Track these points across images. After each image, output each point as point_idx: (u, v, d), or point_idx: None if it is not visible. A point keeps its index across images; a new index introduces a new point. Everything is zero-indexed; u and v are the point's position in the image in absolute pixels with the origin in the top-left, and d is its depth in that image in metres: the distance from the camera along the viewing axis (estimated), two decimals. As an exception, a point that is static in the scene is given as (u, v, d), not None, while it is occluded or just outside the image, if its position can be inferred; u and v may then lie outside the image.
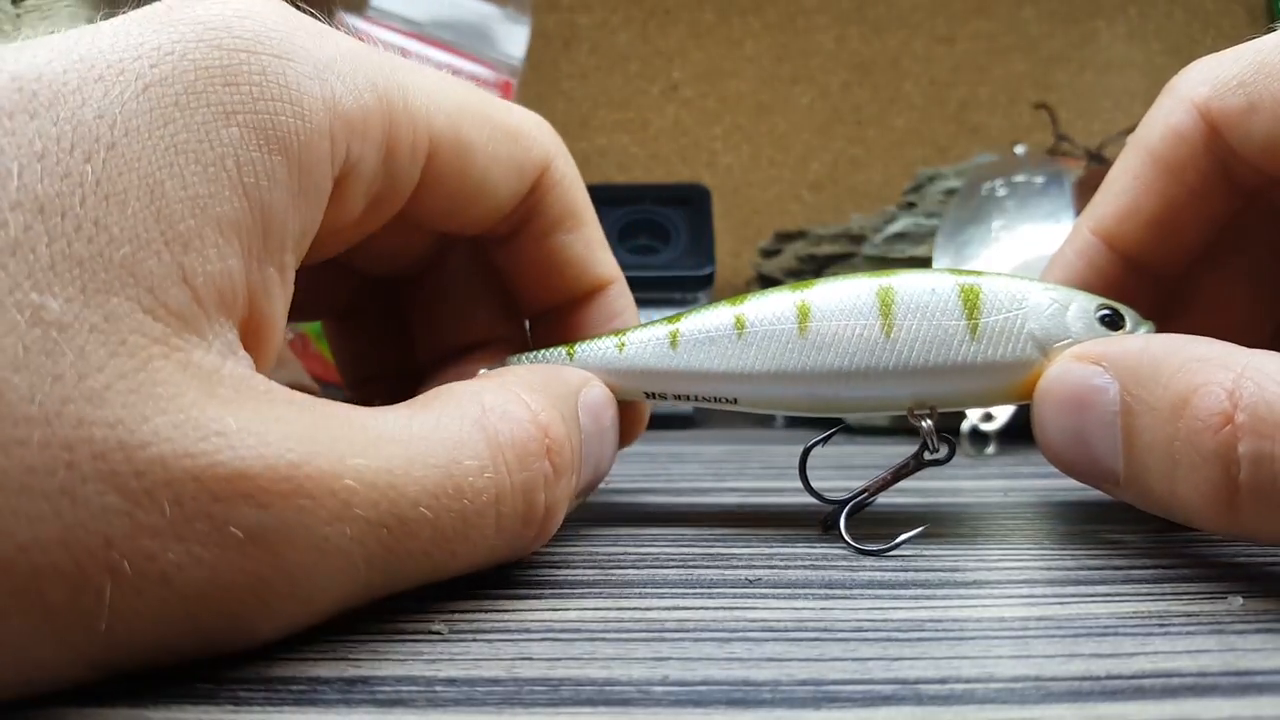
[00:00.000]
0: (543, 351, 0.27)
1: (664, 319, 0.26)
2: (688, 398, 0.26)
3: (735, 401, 0.26)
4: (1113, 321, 0.24)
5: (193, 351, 0.16)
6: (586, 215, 0.28)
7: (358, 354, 0.31)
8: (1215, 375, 0.20)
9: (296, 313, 0.29)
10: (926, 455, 0.25)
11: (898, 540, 0.24)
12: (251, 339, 0.18)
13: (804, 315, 0.25)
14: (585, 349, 0.26)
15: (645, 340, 0.26)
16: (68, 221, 0.15)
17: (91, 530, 0.14)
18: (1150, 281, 0.27)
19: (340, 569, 0.17)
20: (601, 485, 0.26)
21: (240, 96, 0.17)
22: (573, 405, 0.23)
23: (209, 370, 0.16)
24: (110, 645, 0.15)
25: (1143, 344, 0.22)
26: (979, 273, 0.25)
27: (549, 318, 0.29)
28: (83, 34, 0.17)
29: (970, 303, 0.24)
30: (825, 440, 0.26)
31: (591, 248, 0.28)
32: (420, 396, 0.20)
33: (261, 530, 0.15)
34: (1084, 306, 0.25)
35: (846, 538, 0.24)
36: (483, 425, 0.19)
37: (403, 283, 0.30)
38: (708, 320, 0.25)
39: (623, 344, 0.26)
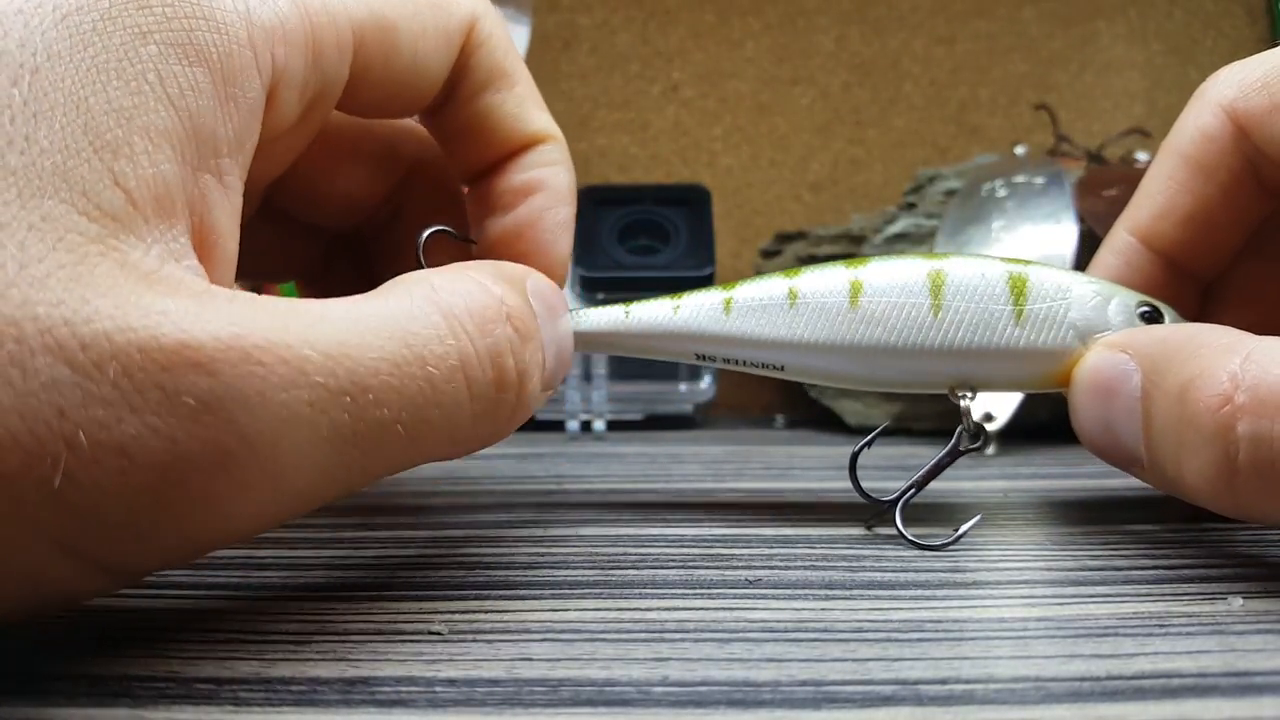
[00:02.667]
0: (598, 310, 0.27)
1: (720, 286, 0.27)
2: (737, 361, 0.27)
3: (783, 369, 0.26)
4: (1152, 317, 0.25)
5: (130, 252, 0.16)
6: (518, 73, 0.27)
7: None
8: (1220, 359, 0.20)
9: (267, 273, 0.29)
10: (963, 446, 0.26)
11: (959, 532, 0.24)
12: (200, 248, 0.18)
13: (856, 290, 0.26)
14: (640, 308, 0.27)
15: (700, 304, 0.27)
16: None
17: (44, 400, 0.15)
18: (1188, 281, 0.28)
19: (305, 438, 0.17)
20: (601, 485, 0.26)
21: (154, 17, 0.18)
22: (522, 288, 0.23)
23: (147, 269, 0.16)
24: (73, 518, 0.15)
25: (1165, 333, 0.23)
26: (1028, 261, 0.26)
27: (485, 183, 0.28)
28: None
29: (1017, 290, 0.25)
30: (871, 442, 0.26)
31: (524, 105, 0.27)
32: (371, 291, 0.20)
33: (214, 397, 0.16)
34: (1125, 302, 0.26)
35: (907, 535, 0.25)
36: (434, 300, 0.20)
37: (368, 238, 0.30)
38: (762, 289, 0.26)
39: (678, 306, 0.27)
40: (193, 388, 0.16)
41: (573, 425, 0.52)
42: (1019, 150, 0.53)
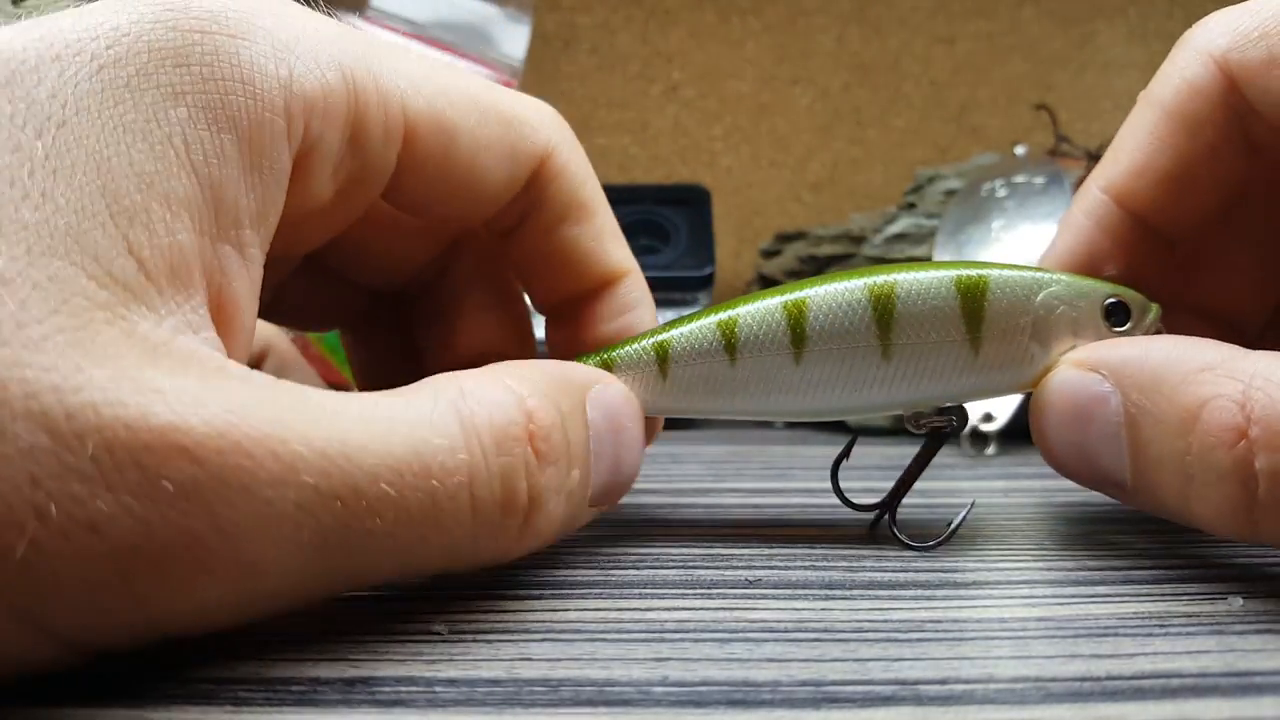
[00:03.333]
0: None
1: (654, 344, 0.25)
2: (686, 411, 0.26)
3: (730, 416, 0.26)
4: (1119, 316, 0.24)
5: (139, 323, 0.16)
6: (596, 205, 0.27)
7: (371, 365, 0.31)
8: (1223, 387, 0.19)
9: (309, 323, 0.28)
10: (940, 430, 0.25)
11: (950, 529, 0.24)
12: (217, 319, 0.18)
13: (799, 337, 0.24)
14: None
15: (638, 369, 0.25)
16: (15, 190, 0.15)
17: (18, 466, 0.14)
18: (1160, 244, 0.26)
19: (286, 537, 0.16)
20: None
21: (190, 77, 0.18)
22: (577, 398, 0.22)
23: (155, 342, 0.16)
24: (33, 587, 0.15)
25: (1142, 350, 0.21)
26: (982, 266, 0.24)
27: (561, 312, 0.28)
28: (51, 16, 0.18)
29: (973, 314, 0.24)
30: (848, 452, 0.26)
31: (601, 239, 0.27)
32: (401, 387, 0.20)
33: (195, 485, 0.15)
34: (1092, 303, 0.24)
35: (903, 538, 0.24)
36: (457, 407, 0.19)
37: (413, 295, 0.30)
38: (700, 344, 0.25)
39: (612, 362, 0.25)
40: (175, 473, 0.15)
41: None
42: (1019, 150, 0.53)
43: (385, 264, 0.28)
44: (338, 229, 0.24)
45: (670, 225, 0.55)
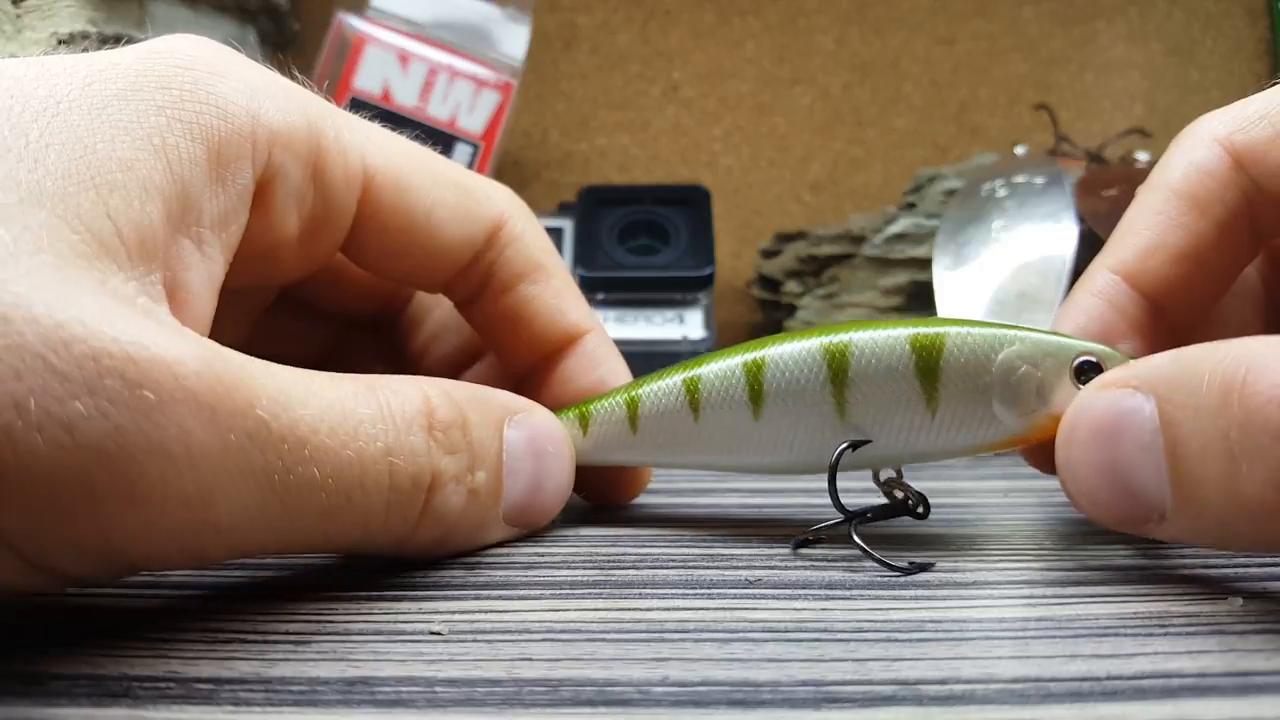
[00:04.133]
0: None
1: (625, 397, 0.26)
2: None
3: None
4: (1091, 375, 0.23)
5: (110, 277, 0.18)
6: (553, 268, 0.28)
7: None
8: (1264, 358, 0.18)
9: (285, 355, 0.29)
10: (903, 501, 0.25)
11: (917, 565, 0.22)
12: (171, 302, 0.19)
13: (757, 398, 0.24)
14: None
15: (608, 424, 0.26)
16: (11, 156, 0.17)
17: (6, 363, 0.15)
18: (1168, 329, 0.26)
19: (237, 467, 0.18)
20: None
21: (170, 96, 0.20)
22: (491, 413, 0.23)
23: (124, 295, 0.18)
24: (1, 494, 0.16)
25: (1173, 356, 0.20)
26: (943, 323, 0.23)
27: (531, 377, 0.29)
28: (51, 55, 0.20)
29: (928, 372, 0.23)
30: (839, 458, 0.25)
31: (561, 298, 0.28)
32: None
33: (173, 400, 0.17)
34: (1058, 364, 0.23)
35: (871, 552, 0.23)
36: (375, 391, 0.21)
37: (384, 323, 0.31)
38: (664, 402, 0.26)
39: (586, 420, 0.27)
40: (156, 386, 0.17)
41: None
42: (1019, 150, 0.53)
43: (354, 301, 0.30)
44: (308, 269, 0.26)
45: (670, 225, 0.55)
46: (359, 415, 0.20)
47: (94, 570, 0.18)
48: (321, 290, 0.30)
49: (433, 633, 0.18)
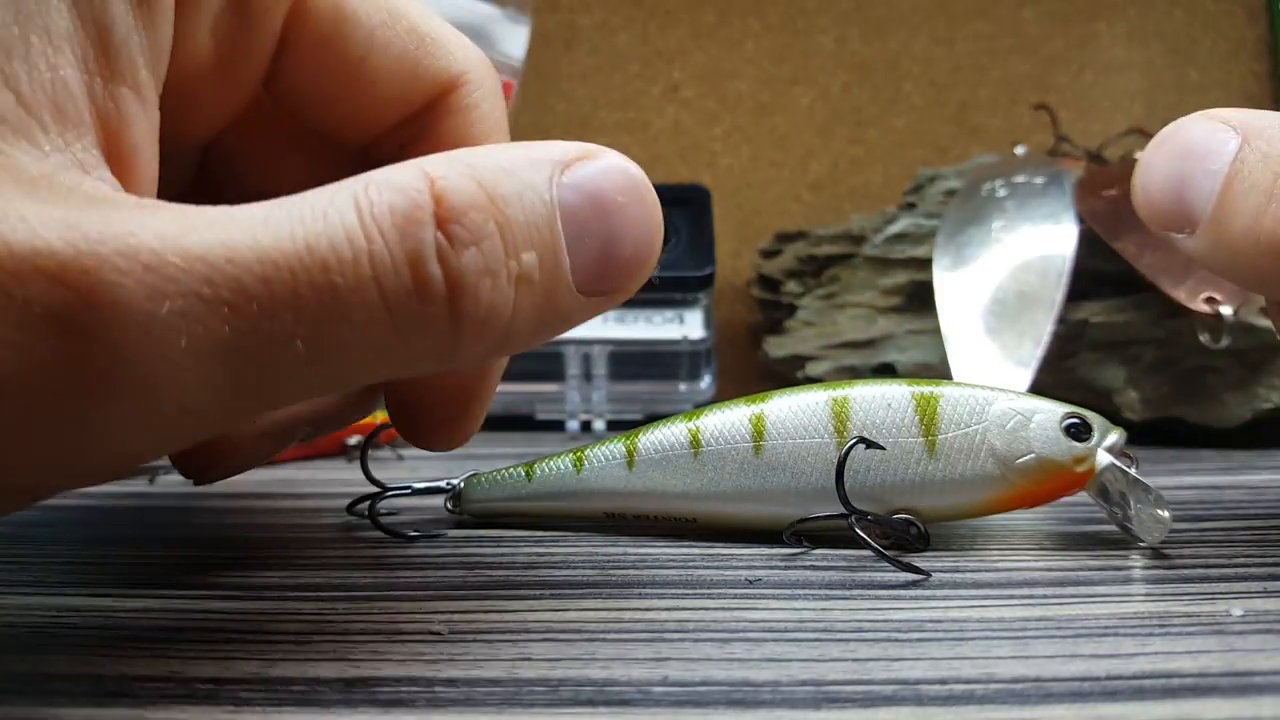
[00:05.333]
0: (498, 475, 0.27)
1: (623, 436, 0.26)
2: (649, 517, 0.26)
3: (695, 521, 0.26)
4: (1078, 433, 0.24)
5: (19, 157, 0.16)
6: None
7: None
8: None
9: None
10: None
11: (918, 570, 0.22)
12: (115, 163, 0.17)
13: (759, 433, 0.25)
14: (543, 471, 0.27)
15: (604, 460, 0.26)
16: None
17: None
18: None
19: (177, 353, 0.15)
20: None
21: None
22: (529, 177, 0.19)
23: (34, 175, 0.16)
24: None
25: (1272, 115, 0.23)
26: (937, 381, 0.25)
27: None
28: None
29: (927, 418, 0.24)
30: (848, 452, 0.25)
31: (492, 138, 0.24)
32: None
33: (68, 310, 0.15)
34: (1049, 417, 0.24)
35: (871, 541, 0.23)
36: (356, 198, 0.17)
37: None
38: (666, 439, 0.26)
39: (580, 463, 0.26)
40: (44, 298, 0.14)
41: (573, 425, 0.52)
42: (1019, 150, 0.53)
43: (275, 188, 0.26)
44: (224, 113, 0.22)
45: (670, 225, 0.54)
46: (329, 240, 0.16)
47: (67, 485, 0.16)
48: (233, 170, 0.25)
49: (433, 633, 0.18)
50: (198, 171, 0.25)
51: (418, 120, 0.23)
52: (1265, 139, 0.22)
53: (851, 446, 0.23)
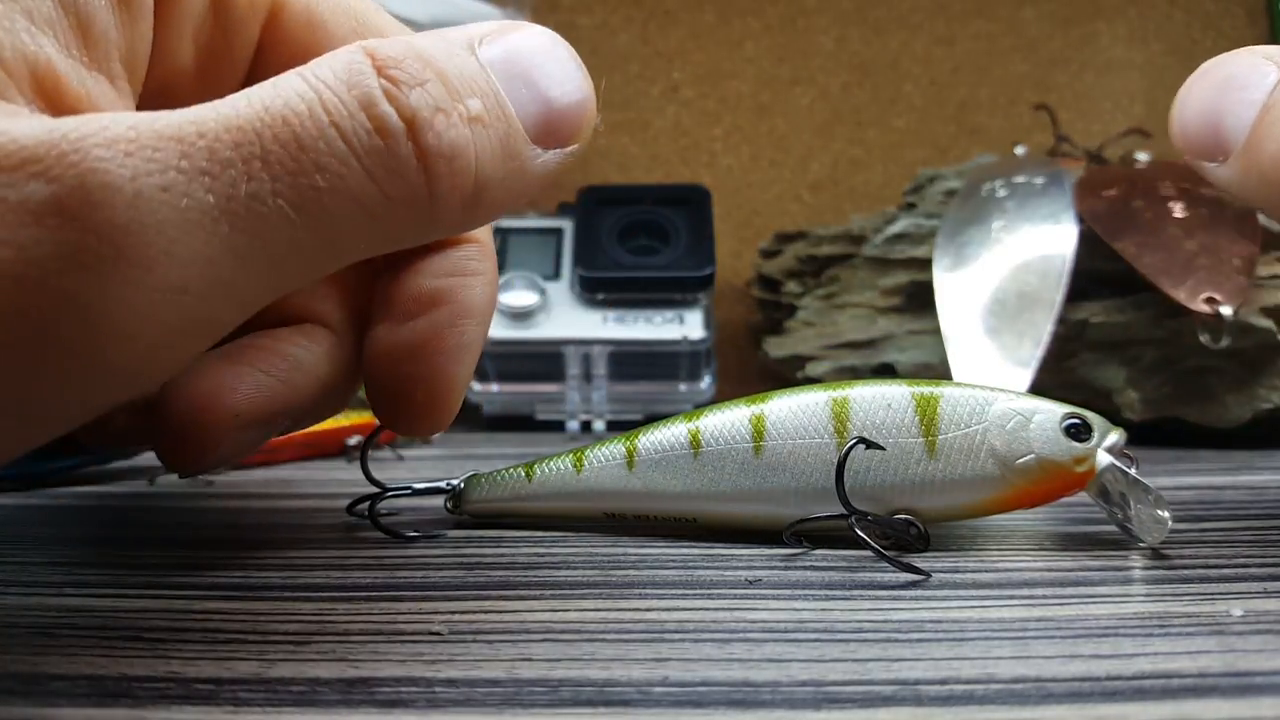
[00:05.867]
0: (498, 475, 0.27)
1: (623, 437, 0.26)
2: (649, 517, 0.26)
3: (695, 521, 0.26)
4: (1078, 433, 0.24)
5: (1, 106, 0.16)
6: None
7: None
8: None
9: None
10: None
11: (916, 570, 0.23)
12: None
13: (759, 433, 0.25)
14: (543, 471, 0.27)
15: (604, 460, 0.26)
16: None
17: None
18: None
19: (169, 224, 0.16)
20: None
21: None
22: (452, 43, 0.20)
23: (13, 111, 0.16)
24: None
25: None
26: (937, 382, 0.25)
27: (390, 278, 0.25)
28: None
29: (928, 418, 0.24)
30: (848, 452, 0.25)
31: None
32: None
33: (55, 199, 0.15)
34: (1049, 418, 0.24)
35: (870, 541, 0.23)
36: (300, 73, 0.18)
37: None
38: (666, 439, 0.26)
39: (580, 463, 0.26)
40: (34, 193, 0.15)
41: (573, 425, 0.52)
42: (1019, 150, 0.53)
43: None
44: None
45: (670, 225, 0.55)
46: (282, 100, 0.17)
47: (107, 398, 0.16)
48: None
49: (433, 633, 0.18)
50: None
51: None
52: None
53: (851, 447, 0.23)
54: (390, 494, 0.28)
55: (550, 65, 0.21)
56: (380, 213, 0.18)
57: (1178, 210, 0.44)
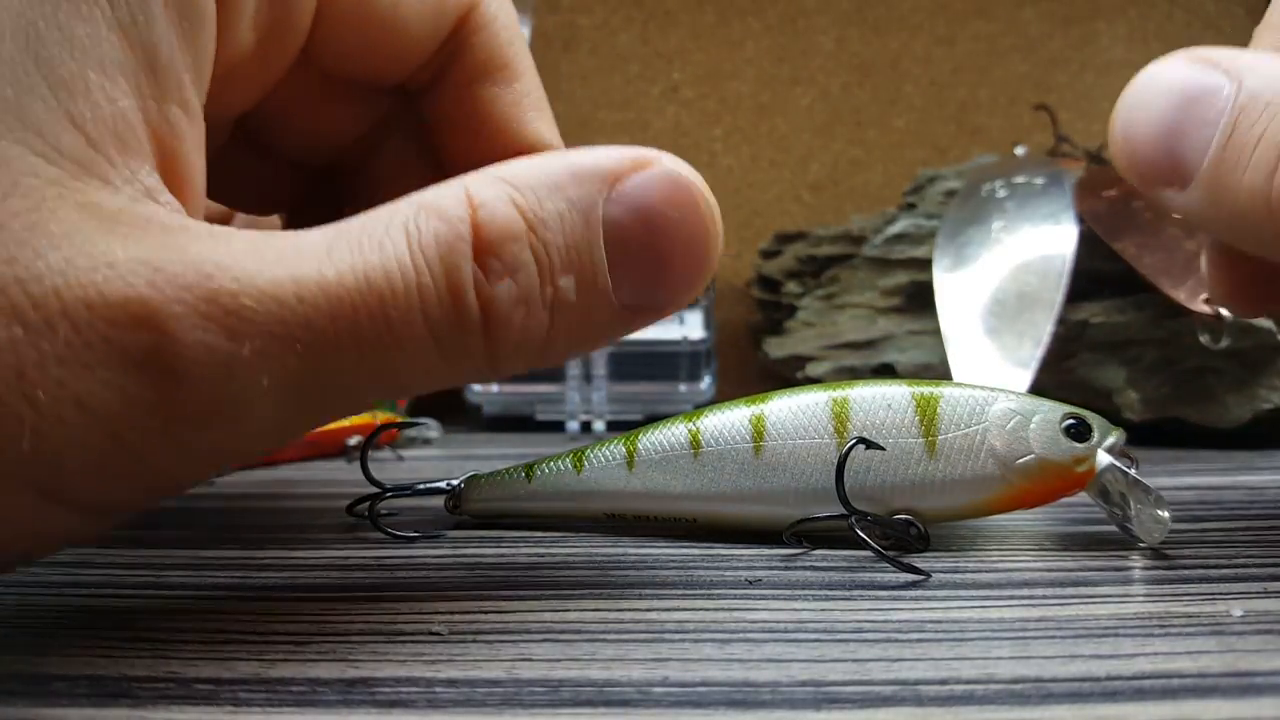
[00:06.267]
0: (498, 475, 0.27)
1: (623, 437, 0.26)
2: (649, 517, 0.26)
3: (695, 521, 0.26)
4: (1078, 433, 0.24)
5: (94, 194, 0.16)
6: (521, 68, 0.25)
7: None
8: None
9: (244, 202, 0.27)
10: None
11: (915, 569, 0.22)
12: (171, 181, 0.18)
13: (759, 433, 0.25)
14: (542, 471, 0.27)
15: (604, 461, 0.26)
16: None
17: (3, 362, 0.15)
18: None
19: (254, 383, 0.17)
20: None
21: None
22: (579, 194, 0.19)
23: (111, 210, 0.16)
24: (49, 469, 0.16)
25: (1268, 55, 0.21)
26: (937, 382, 0.25)
27: None
28: None
29: (927, 418, 0.24)
30: (848, 453, 0.25)
31: (522, 106, 0.25)
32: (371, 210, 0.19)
33: (157, 353, 0.16)
34: (1048, 418, 0.24)
35: (871, 543, 0.23)
36: (407, 227, 0.18)
37: (348, 175, 0.29)
38: (666, 439, 0.26)
39: (580, 463, 0.26)
40: (138, 344, 0.16)
41: (573, 425, 0.52)
42: (1019, 150, 0.53)
43: (313, 136, 0.27)
44: (262, 88, 0.23)
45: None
46: (383, 273, 0.17)
47: (152, 498, 0.18)
48: (276, 131, 0.27)
49: (433, 633, 0.18)
50: (234, 128, 0.26)
51: (445, 47, 0.24)
52: (1260, 76, 0.20)
53: (851, 447, 0.23)
54: (390, 494, 0.28)
55: (682, 227, 0.20)
56: (442, 377, 0.19)
57: (1178, 210, 0.44)
